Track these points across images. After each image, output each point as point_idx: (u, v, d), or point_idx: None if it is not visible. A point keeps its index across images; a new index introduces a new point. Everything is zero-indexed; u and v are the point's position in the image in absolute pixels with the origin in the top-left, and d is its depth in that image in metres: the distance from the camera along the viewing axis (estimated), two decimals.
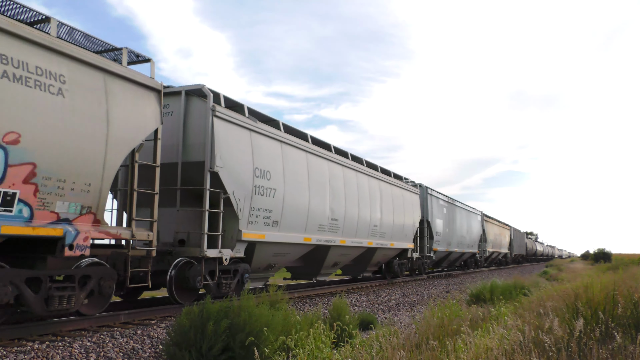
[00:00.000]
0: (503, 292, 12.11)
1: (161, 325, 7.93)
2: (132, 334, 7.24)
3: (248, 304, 5.84)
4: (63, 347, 6.24)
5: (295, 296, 12.37)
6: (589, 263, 53.31)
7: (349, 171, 14.56)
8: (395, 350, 5.20)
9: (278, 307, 7.02)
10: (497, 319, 7.46)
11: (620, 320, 5.82)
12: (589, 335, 5.32)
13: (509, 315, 7.55)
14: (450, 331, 6.48)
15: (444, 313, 7.65)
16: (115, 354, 6.40)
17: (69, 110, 6.63)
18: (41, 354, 5.91)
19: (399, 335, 6.26)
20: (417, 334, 6.52)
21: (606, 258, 54.52)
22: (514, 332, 5.79)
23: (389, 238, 17.34)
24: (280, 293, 7.96)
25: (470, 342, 5.36)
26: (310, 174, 12.23)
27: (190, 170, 9.43)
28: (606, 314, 5.76)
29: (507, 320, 6.90)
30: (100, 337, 6.87)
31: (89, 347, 6.44)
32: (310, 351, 5.55)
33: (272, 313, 6.11)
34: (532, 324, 5.87)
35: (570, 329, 5.51)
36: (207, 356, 5.34)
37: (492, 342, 5.22)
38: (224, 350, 5.46)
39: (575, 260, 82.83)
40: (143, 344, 6.95)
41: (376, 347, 5.82)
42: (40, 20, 6.93)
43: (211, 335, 5.36)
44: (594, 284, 7.14)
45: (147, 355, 6.59)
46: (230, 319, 5.59)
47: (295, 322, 6.31)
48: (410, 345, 5.51)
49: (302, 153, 12.08)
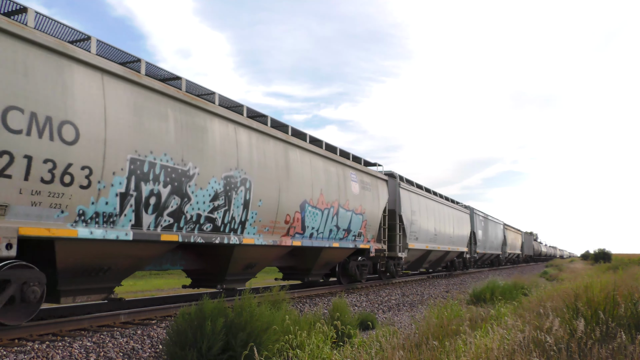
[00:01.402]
0: (503, 292, 12.11)
1: (161, 325, 7.94)
2: (132, 334, 7.25)
3: (249, 304, 5.84)
4: (63, 347, 6.24)
5: (295, 296, 12.37)
6: (589, 263, 53.32)
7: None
8: (395, 350, 5.21)
9: (278, 307, 7.02)
10: (497, 319, 7.46)
11: (620, 321, 5.82)
12: (589, 335, 5.32)
13: (509, 316, 7.56)
14: (450, 331, 6.48)
15: (444, 313, 7.65)
16: (115, 354, 6.40)
17: (375, 197, 16.24)
18: (41, 354, 5.91)
19: (398, 335, 6.26)
20: (416, 334, 6.52)
21: (606, 258, 54.55)
22: (514, 332, 5.80)
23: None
24: (282, 293, 7.97)
25: (470, 342, 5.36)
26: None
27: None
28: (606, 314, 5.76)
29: (507, 320, 6.91)
30: (100, 337, 6.87)
31: (89, 347, 6.44)
32: (311, 351, 5.56)
33: (272, 313, 6.11)
34: (532, 324, 5.88)
35: (571, 329, 5.52)
36: (208, 356, 5.34)
37: (492, 342, 5.22)
38: (224, 349, 5.46)
39: (575, 261, 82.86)
40: (143, 344, 6.95)
41: (376, 347, 5.83)
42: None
43: (210, 335, 5.36)
44: (593, 284, 7.14)
45: (147, 355, 6.59)
46: (225, 317, 5.59)
47: (296, 322, 6.31)
48: (410, 346, 5.52)
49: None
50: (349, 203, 14.18)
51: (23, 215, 6.08)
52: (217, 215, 9.17)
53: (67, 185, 6.48)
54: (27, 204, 6.09)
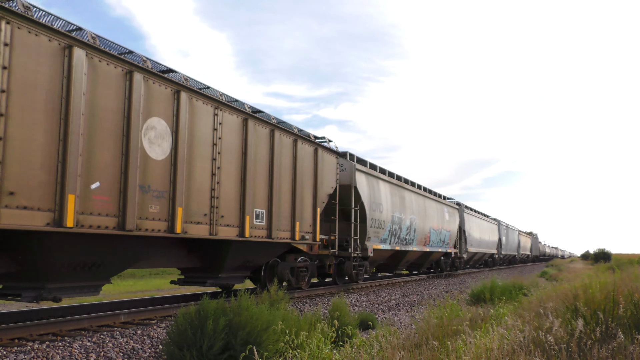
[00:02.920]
0: (503, 292, 12.12)
1: (161, 325, 7.94)
2: (132, 334, 7.25)
3: (248, 304, 5.84)
4: (63, 347, 6.25)
5: (295, 296, 12.37)
6: (589, 263, 53.40)
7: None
8: (395, 350, 5.21)
9: (278, 307, 7.02)
10: (497, 319, 7.47)
11: (620, 321, 5.82)
12: (589, 336, 5.33)
13: (509, 316, 7.56)
14: (450, 331, 6.48)
15: (444, 313, 7.66)
16: (115, 354, 6.40)
17: (452, 218, 27.67)
18: (41, 354, 5.92)
19: (398, 335, 6.26)
20: (416, 334, 6.52)
21: (606, 258, 54.66)
22: (513, 332, 5.80)
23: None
24: (280, 293, 7.97)
25: (470, 342, 5.36)
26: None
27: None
28: (606, 314, 5.77)
29: (507, 320, 6.91)
30: (100, 337, 6.88)
31: (89, 347, 6.44)
32: (311, 351, 5.56)
33: (272, 313, 6.11)
34: (532, 324, 5.88)
35: (571, 329, 5.52)
36: (208, 355, 5.34)
37: (492, 342, 5.22)
38: (225, 349, 5.46)
39: (575, 261, 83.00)
40: (143, 344, 6.95)
41: (376, 347, 5.83)
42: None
43: (210, 334, 5.37)
44: (593, 284, 7.15)
45: (147, 355, 6.60)
46: (227, 316, 5.60)
47: (295, 321, 6.31)
48: (410, 346, 5.52)
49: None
50: (443, 225, 24.72)
51: None
52: (407, 236, 19.66)
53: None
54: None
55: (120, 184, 7.29)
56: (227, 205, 9.52)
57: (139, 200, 7.57)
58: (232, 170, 9.71)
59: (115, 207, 7.18)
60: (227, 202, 9.53)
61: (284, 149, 11.51)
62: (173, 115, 8.29)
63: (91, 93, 6.87)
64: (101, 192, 6.98)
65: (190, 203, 8.61)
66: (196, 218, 8.75)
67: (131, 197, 7.38)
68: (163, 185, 8.06)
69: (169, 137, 8.20)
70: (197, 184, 8.77)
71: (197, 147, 8.81)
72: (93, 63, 6.92)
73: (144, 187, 7.69)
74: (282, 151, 11.41)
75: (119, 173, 7.27)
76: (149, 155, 7.79)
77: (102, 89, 7.03)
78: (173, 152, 8.26)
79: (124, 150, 7.34)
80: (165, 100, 8.16)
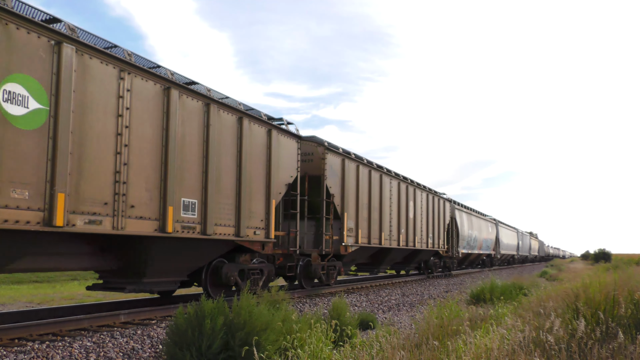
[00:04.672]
0: (503, 292, 12.12)
1: (161, 325, 7.94)
2: (132, 334, 7.25)
3: (248, 304, 5.84)
4: (63, 347, 6.24)
5: (295, 296, 12.37)
6: (589, 263, 53.40)
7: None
8: (395, 350, 5.21)
9: (278, 307, 7.01)
10: (497, 319, 7.47)
11: (620, 321, 5.82)
12: (589, 335, 5.32)
13: (509, 316, 7.56)
14: (450, 331, 6.48)
15: (444, 313, 7.65)
16: (115, 354, 6.40)
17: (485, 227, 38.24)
18: (41, 354, 5.92)
19: (399, 335, 6.26)
20: (417, 334, 6.52)
21: (606, 258, 54.65)
22: (514, 332, 5.80)
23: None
24: (281, 293, 7.96)
25: (470, 342, 5.36)
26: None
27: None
28: (606, 314, 5.77)
29: (507, 320, 6.91)
30: (100, 337, 6.88)
31: (89, 347, 6.44)
32: (311, 351, 5.56)
33: (272, 313, 6.11)
34: (532, 324, 5.88)
35: (571, 329, 5.52)
36: (207, 355, 5.34)
37: (492, 342, 5.22)
38: (224, 349, 5.46)
39: (576, 260, 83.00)
40: (143, 344, 6.95)
41: (376, 347, 5.83)
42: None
43: (209, 333, 5.37)
44: (593, 284, 7.15)
45: (147, 355, 6.59)
46: (225, 315, 5.59)
47: (296, 322, 6.31)
48: (410, 346, 5.52)
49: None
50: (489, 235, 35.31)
51: None
52: (474, 244, 30.98)
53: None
54: None
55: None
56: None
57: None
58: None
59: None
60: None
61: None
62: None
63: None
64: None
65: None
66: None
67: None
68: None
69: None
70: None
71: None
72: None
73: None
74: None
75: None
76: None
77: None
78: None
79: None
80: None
